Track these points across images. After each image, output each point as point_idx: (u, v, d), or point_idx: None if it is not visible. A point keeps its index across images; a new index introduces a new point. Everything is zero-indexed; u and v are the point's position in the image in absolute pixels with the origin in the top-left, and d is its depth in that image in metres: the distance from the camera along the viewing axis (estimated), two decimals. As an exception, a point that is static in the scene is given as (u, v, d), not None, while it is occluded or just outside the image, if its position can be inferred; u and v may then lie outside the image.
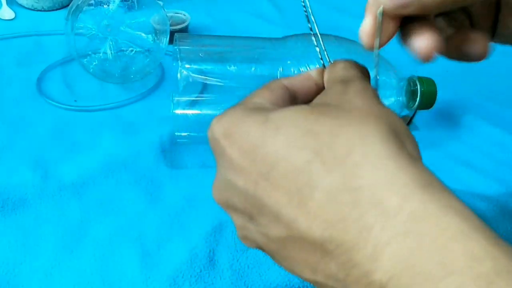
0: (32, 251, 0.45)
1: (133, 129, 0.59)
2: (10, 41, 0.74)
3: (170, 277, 0.43)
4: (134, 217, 0.49)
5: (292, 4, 0.88)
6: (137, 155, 0.55)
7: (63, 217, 0.48)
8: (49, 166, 0.53)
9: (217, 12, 0.84)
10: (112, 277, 0.43)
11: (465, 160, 0.57)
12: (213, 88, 0.53)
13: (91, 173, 0.53)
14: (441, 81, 0.58)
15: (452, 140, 0.60)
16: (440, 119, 0.63)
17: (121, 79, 0.66)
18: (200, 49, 0.55)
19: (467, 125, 0.62)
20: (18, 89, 0.65)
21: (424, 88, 0.56)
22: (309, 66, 0.53)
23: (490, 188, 0.53)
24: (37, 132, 0.58)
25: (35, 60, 0.70)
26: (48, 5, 0.82)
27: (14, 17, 0.80)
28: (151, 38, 0.68)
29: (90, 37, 0.66)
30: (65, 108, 0.62)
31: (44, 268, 0.44)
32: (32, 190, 0.50)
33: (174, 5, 0.80)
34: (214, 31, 0.79)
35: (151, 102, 0.64)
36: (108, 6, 0.65)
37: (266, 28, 0.80)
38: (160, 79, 0.68)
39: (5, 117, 0.60)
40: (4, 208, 0.48)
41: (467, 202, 0.55)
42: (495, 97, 0.67)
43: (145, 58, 0.68)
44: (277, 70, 0.53)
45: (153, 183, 0.52)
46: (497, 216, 0.50)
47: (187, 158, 0.56)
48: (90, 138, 0.58)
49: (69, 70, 0.69)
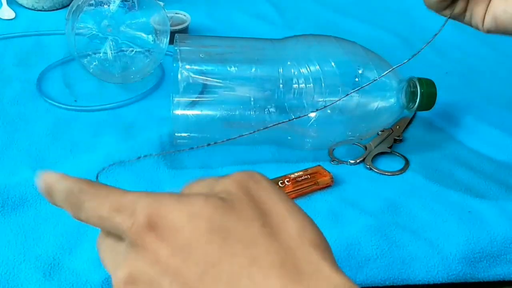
0: (32, 251, 0.45)
1: (133, 129, 0.59)
2: (10, 41, 0.74)
3: (170, 277, 0.43)
4: (133, 217, 0.49)
5: (292, 5, 0.88)
6: (137, 155, 0.55)
7: (63, 217, 0.48)
8: (49, 165, 0.53)
9: (218, 13, 0.84)
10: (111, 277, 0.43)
11: (464, 162, 0.57)
12: (213, 89, 0.53)
13: (91, 173, 0.53)
14: (441, 82, 0.58)
15: (452, 141, 0.60)
16: (440, 120, 0.63)
17: (121, 79, 0.66)
18: (200, 50, 0.55)
19: (467, 126, 0.62)
20: (18, 89, 0.65)
21: (424, 89, 0.56)
22: (309, 66, 0.53)
23: (490, 190, 0.54)
24: (37, 132, 0.58)
25: (35, 60, 0.70)
26: (48, 5, 0.82)
27: (14, 16, 0.80)
28: (151, 38, 0.68)
29: (90, 37, 0.66)
30: (65, 108, 0.62)
31: (43, 268, 0.44)
32: (32, 189, 0.50)
33: (175, 5, 0.80)
34: (215, 31, 0.79)
35: (151, 102, 0.64)
36: (109, 6, 0.65)
37: (266, 29, 0.80)
38: (160, 79, 0.68)
39: (5, 116, 0.60)
40: (4, 207, 0.48)
41: (467, 203, 0.55)
42: (495, 99, 0.67)
43: (145, 58, 0.68)
44: (277, 71, 0.53)
45: (152, 183, 0.52)
46: (497, 217, 0.50)
47: (187, 158, 0.56)
48: (90, 138, 0.58)
49: (69, 70, 0.69)
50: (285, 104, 0.53)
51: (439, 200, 0.52)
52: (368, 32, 0.80)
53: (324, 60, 0.53)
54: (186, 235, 0.24)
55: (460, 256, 0.47)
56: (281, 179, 0.51)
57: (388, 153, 0.58)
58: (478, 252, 0.47)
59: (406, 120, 0.61)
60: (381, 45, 0.75)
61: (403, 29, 0.82)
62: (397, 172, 0.55)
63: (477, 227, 0.49)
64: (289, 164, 0.54)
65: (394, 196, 0.52)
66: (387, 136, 0.59)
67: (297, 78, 0.53)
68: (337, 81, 0.53)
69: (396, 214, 0.50)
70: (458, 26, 0.85)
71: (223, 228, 0.24)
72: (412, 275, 0.46)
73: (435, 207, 0.51)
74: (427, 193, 0.53)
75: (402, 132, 0.60)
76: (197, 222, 0.24)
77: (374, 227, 0.48)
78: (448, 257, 0.47)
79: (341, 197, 0.52)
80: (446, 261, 0.47)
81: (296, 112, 0.53)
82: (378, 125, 0.58)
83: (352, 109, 0.54)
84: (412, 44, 0.79)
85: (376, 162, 0.56)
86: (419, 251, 0.47)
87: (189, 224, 0.24)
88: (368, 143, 0.58)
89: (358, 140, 0.58)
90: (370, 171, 0.55)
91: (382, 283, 0.46)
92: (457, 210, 0.51)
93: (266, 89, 0.53)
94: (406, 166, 0.56)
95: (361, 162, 0.56)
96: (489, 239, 0.48)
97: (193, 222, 0.24)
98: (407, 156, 0.57)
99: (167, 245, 0.24)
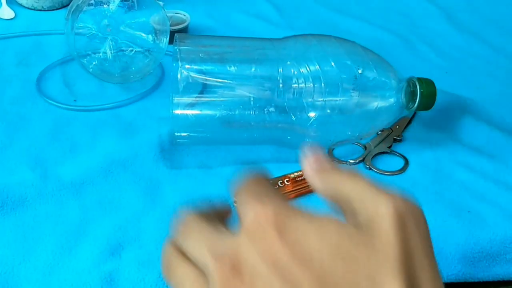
0: (31, 251, 0.45)
1: (132, 129, 0.59)
2: (9, 41, 0.74)
3: (169, 277, 0.43)
4: (133, 217, 0.49)
5: (292, 5, 0.88)
6: (137, 155, 0.55)
7: (62, 217, 0.48)
8: (49, 165, 0.53)
9: (217, 12, 0.84)
10: (111, 277, 0.43)
11: (464, 162, 0.57)
12: (213, 89, 0.53)
13: (91, 173, 0.53)
14: (441, 82, 0.58)
15: (451, 141, 0.60)
16: (440, 120, 0.63)
17: (121, 79, 0.66)
18: (200, 50, 0.55)
19: (467, 126, 0.62)
20: (17, 89, 0.65)
21: (424, 89, 0.56)
22: (308, 66, 0.53)
23: (490, 190, 0.53)
24: (36, 131, 0.58)
25: (34, 59, 0.70)
26: (48, 5, 0.82)
27: (14, 16, 0.80)
28: (151, 38, 0.68)
29: (90, 37, 0.66)
30: (64, 107, 0.62)
31: (43, 268, 0.44)
32: (32, 189, 0.50)
33: (174, 5, 0.80)
34: (214, 31, 0.79)
35: (150, 102, 0.64)
36: (108, 6, 0.65)
37: (266, 28, 0.80)
38: (160, 79, 0.68)
39: (4, 116, 0.60)
40: (4, 207, 0.48)
41: (466, 203, 0.55)
42: (495, 99, 0.67)
43: (145, 58, 0.68)
44: (277, 70, 0.53)
45: (152, 183, 0.52)
46: (496, 217, 0.50)
47: (187, 158, 0.56)
48: (90, 138, 0.58)
49: (68, 70, 0.69)
50: (284, 104, 0.53)
51: (439, 199, 0.52)
52: (368, 32, 0.80)
53: (323, 60, 0.53)
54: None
55: (460, 255, 0.47)
56: (281, 179, 0.51)
57: (387, 153, 0.58)
58: (477, 252, 0.47)
59: (405, 120, 0.61)
60: (381, 45, 0.75)
61: (403, 29, 0.82)
62: (396, 172, 0.55)
63: (477, 227, 0.49)
64: (289, 164, 0.54)
65: (393, 196, 0.52)
66: (387, 136, 0.59)
67: (296, 77, 0.53)
68: (337, 81, 0.53)
69: (395, 214, 0.50)
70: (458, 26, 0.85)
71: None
72: (412, 275, 0.46)
73: (434, 207, 0.51)
74: (426, 193, 0.53)
75: (402, 131, 0.60)
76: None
77: (373, 227, 0.48)
78: (447, 257, 0.47)
79: (341, 197, 0.52)
80: (446, 261, 0.47)
81: (295, 111, 0.53)
82: (377, 125, 0.58)
83: (351, 108, 0.54)
84: (412, 44, 0.79)
85: (375, 162, 0.56)
86: (419, 251, 0.47)
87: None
88: (368, 143, 0.58)
89: (357, 139, 0.58)
90: (370, 171, 0.55)
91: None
92: (456, 210, 0.51)
93: (266, 88, 0.53)
94: (405, 166, 0.56)
95: (360, 162, 0.56)
96: (488, 238, 0.48)
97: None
98: (407, 156, 0.57)
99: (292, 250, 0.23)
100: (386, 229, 0.24)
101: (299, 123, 0.53)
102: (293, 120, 0.53)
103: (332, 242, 0.23)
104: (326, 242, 0.23)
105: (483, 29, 0.84)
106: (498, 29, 0.84)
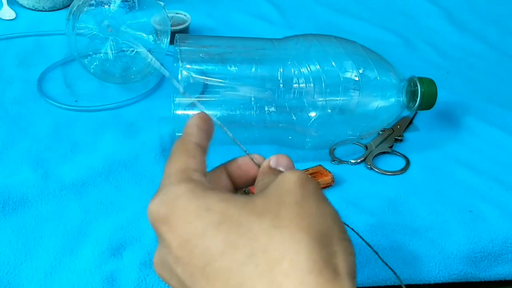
0: (33, 251, 0.45)
1: (133, 130, 0.59)
2: (10, 41, 0.74)
3: (171, 277, 0.43)
4: (134, 217, 0.49)
5: (292, 5, 0.88)
6: (138, 155, 0.55)
7: (64, 217, 0.48)
8: (50, 166, 0.53)
9: (218, 13, 0.84)
10: (112, 277, 0.43)
11: (465, 161, 0.57)
12: (214, 89, 0.53)
13: (92, 173, 0.53)
14: (442, 81, 0.58)
15: (452, 141, 0.60)
16: (441, 120, 0.63)
17: (122, 80, 0.66)
18: (200, 50, 0.55)
19: (468, 126, 0.62)
20: (19, 89, 0.65)
21: (425, 88, 0.56)
22: (309, 66, 0.53)
23: (491, 190, 0.53)
24: (37, 132, 0.58)
25: (35, 60, 0.70)
26: (49, 5, 0.82)
27: (15, 17, 0.80)
28: (152, 38, 0.68)
29: (91, 37, 0.66)
30: (65, 108, 0.62)
31: (44, 268, 0.44)
32: (33, 190, 0.50)
33: (175, 5, 0.80)
34: (215, 31, 0.79)
35: (151, 102, 0.64)
36: (109, 6, 0.65)
37: (267, 28, 0.80)
38: (161, 79, 0.68)
39: (6, 117, 0.60)
40: (5, 208, 0.48)
41: (468, 203, 0.55)
42: (496, 98, 0.67)
43: (145, 58, 0.68)
44: (277, 70, 0.53)
45: (153, 183, 0.52)
46: (498, 217, 0.50)
47: (188, 158, 0.56)
48: (91, 138, 0.58)
49: (69, 70, 0.69)
50: (285, 104, 0.53)
51: (440, 199, 0.52)
52: (369, 32, 0.80)
53: (324, 60, 0.53)
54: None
55: (461, 255, 0.47)
56: (282, 179, 0.51)
57: (389, 152, 0.58)
58: (479, 252, 0.47)
59: (406, 120, 0.61)
60: (381, 45, 0.75)
61: (404, 29, 0.82)
62: (398, 171, 0.55)
63: (478, 227, 0.49)
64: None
65: (395, 195, 0.52)
66: (388, 136, 0.59)
67: (297, 77, 0.53)
68: (337, 81, 0.53)
69: (397, 213, 0.50)
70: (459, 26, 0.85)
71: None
72: (413, 275, 0.46)
73: (436, 207, 0.51)
74: (428, 193, 0.53)
75: (403, 131, 0.60)
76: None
77: (375, 226, 0.48)
78: (449, 257, 0.47)
79: (342, 196, 0.52)
80: (447, 261, 0.47)
81: (296, 111, 0.53)
82: (378, 125, 0.58)
83: (352, 108, 0.54)
84: (413, 44, 0.79)
85: (377, 162, 0.56)
86: (420, 251, 0.47)
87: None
88: (369, 143, 0.58)
89: (358, 139, 0.58)
90: (371, 171, 0.55)
91: (383, 283, 0.46)
92: (458, 210, 0.51)
93: (267, 88, 0.53)
94: (407, 165, 0.56)
95: (362, 162, 0.56)
96: (490, 238, 0.48)
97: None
98: (408, 156, 0.57)
99: (178, 237, 0.27)
100: (290, 183, 0.28)
101: (300, 123, 0.53)
102: (294, 120, 0.53)
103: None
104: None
105: (484, 29, 0.83)
106: (499, 29, 0.84)
